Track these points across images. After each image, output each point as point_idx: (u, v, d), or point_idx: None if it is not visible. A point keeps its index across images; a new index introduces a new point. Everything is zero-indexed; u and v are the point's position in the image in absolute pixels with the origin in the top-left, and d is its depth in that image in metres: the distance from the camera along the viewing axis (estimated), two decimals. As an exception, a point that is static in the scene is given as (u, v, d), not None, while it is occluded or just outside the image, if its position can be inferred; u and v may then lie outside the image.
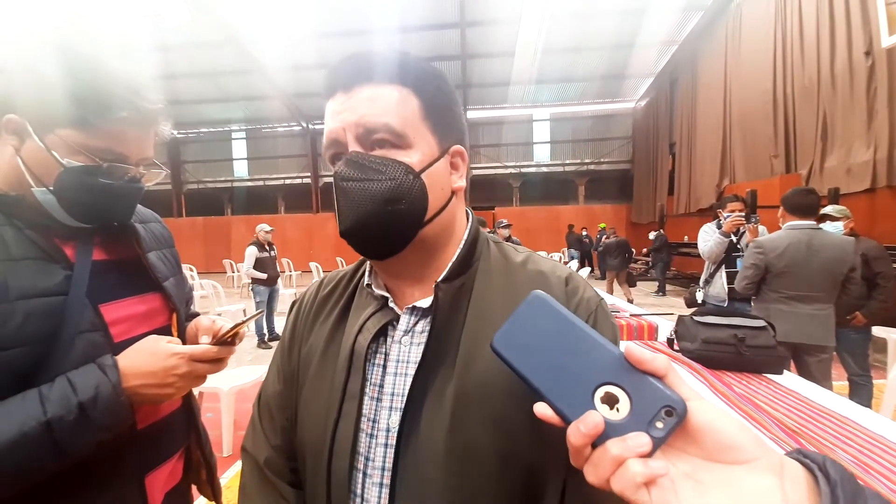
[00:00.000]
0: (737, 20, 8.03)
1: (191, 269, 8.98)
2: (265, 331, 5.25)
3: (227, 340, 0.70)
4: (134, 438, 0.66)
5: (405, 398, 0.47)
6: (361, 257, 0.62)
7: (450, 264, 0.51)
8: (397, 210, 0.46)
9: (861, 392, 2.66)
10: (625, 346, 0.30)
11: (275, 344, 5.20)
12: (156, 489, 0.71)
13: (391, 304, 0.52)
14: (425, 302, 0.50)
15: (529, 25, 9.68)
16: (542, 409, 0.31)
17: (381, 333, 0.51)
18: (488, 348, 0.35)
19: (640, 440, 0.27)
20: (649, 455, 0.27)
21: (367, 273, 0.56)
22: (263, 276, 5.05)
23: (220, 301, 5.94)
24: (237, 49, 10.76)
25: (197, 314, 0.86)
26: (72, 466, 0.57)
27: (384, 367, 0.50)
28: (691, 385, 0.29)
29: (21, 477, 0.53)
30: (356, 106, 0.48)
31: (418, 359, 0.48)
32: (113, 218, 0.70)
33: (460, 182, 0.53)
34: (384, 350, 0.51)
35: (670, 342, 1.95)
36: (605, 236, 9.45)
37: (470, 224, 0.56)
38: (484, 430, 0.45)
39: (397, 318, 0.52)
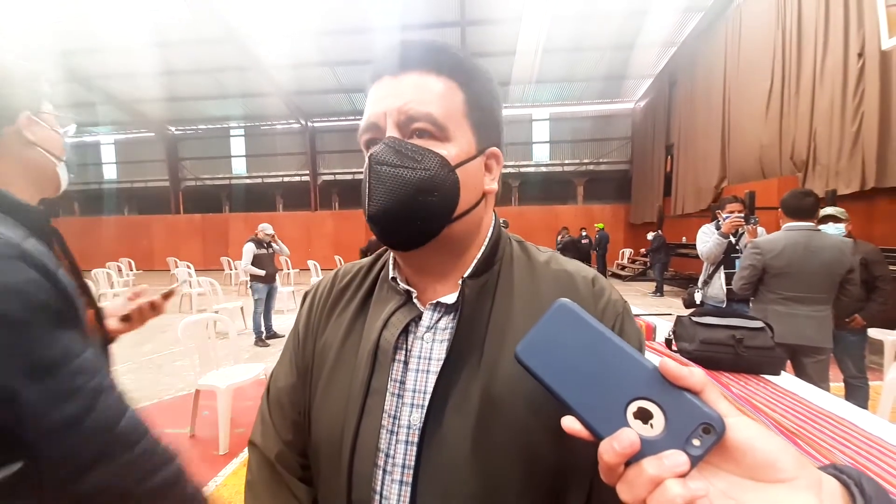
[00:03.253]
0: (736, 22, 8.03)
1: (188, 266, 8.96)
2: (262, 329, 5.22)
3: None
4: None
5: (429, 395, 0.46)
6: (378, 251, 0.62)
7: (475, 261, 0.51)
8: (428, 201, 0.46)
9: (857, 394, 2.67)
10: (659, 361, 0.29)
11: (272, 342, 5.20)
12: None
13: (414, 300, 0.52)
14: (449, 298, 0.50)
15: (530, 25, 9.68)
16: (570, 423, 0.30)
17: (404, 329, 0.50)
18: (514, 347, 0.34)
19: (677, 459, 0.26)
20: (686, 474, 0.26)
21: (390, 266, 0.55)
22: (262, 272, 5.03)
23: (217, 298, 5.92)
24: (236, 46, 10.71)
25: None
26: None
27: (406, 363, 0.50)
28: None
29: None
30: (401, 92, 0.47)
31: (441, 356, 0.47)
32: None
33: (492, 185, 0.53)
34: (406, 346, 0.50)
35: (668, 342, 1.96)
36: (561, 235, 10.82)
37: (493, 223, 0.55)
38: (510, 429, 0.44)
39: (420, 314, 0.51)
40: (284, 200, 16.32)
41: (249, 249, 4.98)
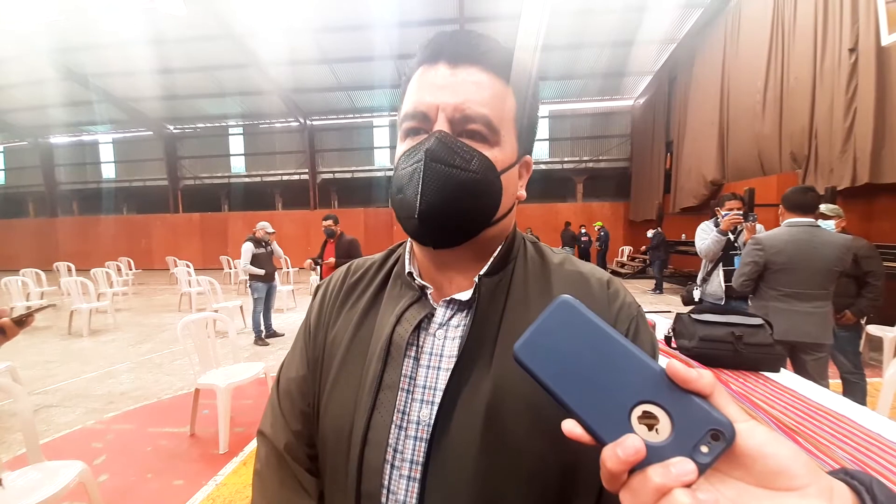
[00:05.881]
0: (735, 18, 8.01)
1: (188, 266, 8.95)
2: (262, 327, 5.22)
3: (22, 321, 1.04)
4: None
5: (440, 392, 0.46)
6: (390, 246, 0.62)
7: (491, 259, 0.51)
8: (473, 205, 0.46)
9: (855, 390, 2.68)
10: (665, 362, 0.28)
11: (272, 341, 5.20)
12: None
13: (428, 296, 0.52)
14: (464, 295, 0.50)
15: (529, 22, 9.64)
16: (571, 427, 0.28)
17: (416, 325, 0.50)
18: None
19: (685, 467, 0.24)
20: (693, 483, 0.25)
21: (406, 261, 0.55)
22: (261, 272, 5.03)
23: (216, 297, 5.91)
24: (234, 43, 10.67)
25: None
26: None
27: (417, 359, 0.50)
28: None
29: None
30: (461, 87, 0.46)
31: (453, 353, 0.48)
32: None
33: (522, 191, 0.54)
34: (418, 342, 0.50)
35: (668, 340, 1.96)
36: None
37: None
38: (519, 428, 0.44)
39: (433, 310, 0.51)
40: (283, 199, 16.30)
41: (248, 249, 4.97)
